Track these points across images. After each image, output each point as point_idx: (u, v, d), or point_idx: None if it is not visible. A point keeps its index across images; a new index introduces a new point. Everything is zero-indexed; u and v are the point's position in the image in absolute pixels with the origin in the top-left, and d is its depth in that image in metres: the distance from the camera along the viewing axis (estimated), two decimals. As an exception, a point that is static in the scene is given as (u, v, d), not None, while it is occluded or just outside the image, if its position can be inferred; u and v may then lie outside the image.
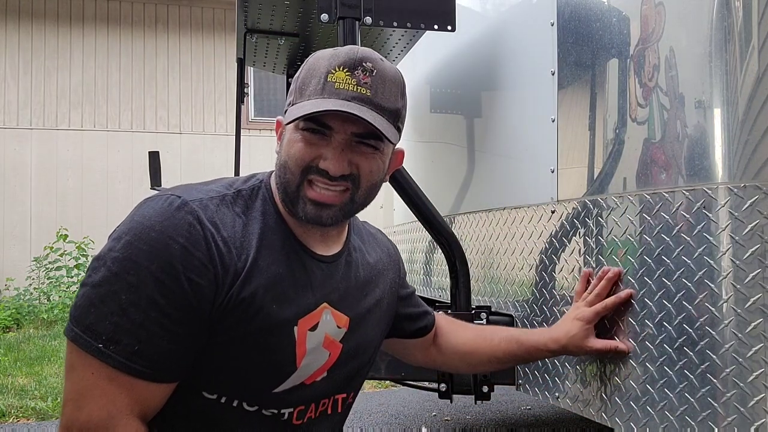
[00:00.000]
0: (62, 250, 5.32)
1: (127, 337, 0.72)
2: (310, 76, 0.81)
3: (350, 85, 0.79)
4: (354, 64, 0.80)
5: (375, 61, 0.81)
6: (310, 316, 0.85)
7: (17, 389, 3.07)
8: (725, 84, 0.99)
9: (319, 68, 0.81)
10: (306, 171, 0.82)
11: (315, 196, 0.82)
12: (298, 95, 0.82)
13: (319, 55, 0.83)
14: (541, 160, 1.44)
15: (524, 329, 1.27)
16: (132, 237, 0.74)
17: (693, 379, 0.99)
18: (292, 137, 0.82)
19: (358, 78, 0.80)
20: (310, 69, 0.82)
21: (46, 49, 5.91)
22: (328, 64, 0.80)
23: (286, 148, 0.83)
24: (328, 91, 0.79)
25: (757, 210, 0.94)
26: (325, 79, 0.80)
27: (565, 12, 1.37)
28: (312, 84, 0.81)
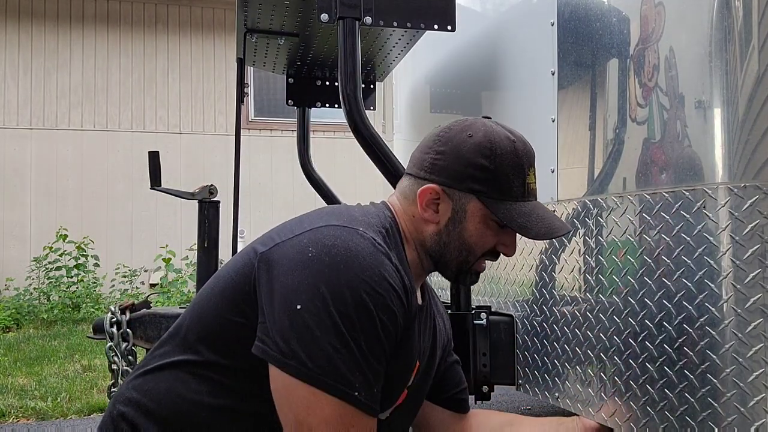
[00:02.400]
0: (62, 250, 5.32)
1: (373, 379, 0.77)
2: (511, 174, 0.89)
3: (534, 182, 0.92)
4: (534, 161, 0.93)
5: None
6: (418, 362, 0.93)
7: (17, 389, 3.07)
8: (725, 84, 0.99)
9: (517, 167, 0.90)
10: (485, 255, 0.93)
11: (481, 270, 0.94)
12: (497, 191, 0.89)
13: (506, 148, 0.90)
14: (540, 159, 1.44)
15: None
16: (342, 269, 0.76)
17: (693, 379, 0.99)
18: (480, 228, 0.90)
19: (534, 178, 0.93)
20: (509, 164, 0.89)
21: (45, 49, 5.91)
22: (522, 163, 0.90)
23: (475, 237, 0.91)
24: (528, 194, 0.91)
25: (757, 210, 0.94)
26: (524, 179, 0.90)
27: (566, 12, 1.37)
28: (516, 184, 0.89)
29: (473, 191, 0.89)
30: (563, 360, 1.32)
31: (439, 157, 0.91)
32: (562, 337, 1.33)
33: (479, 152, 0.89)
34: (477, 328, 1.51)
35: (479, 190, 0.88)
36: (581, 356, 1.25)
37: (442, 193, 0.90)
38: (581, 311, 1.26)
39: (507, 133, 0.91)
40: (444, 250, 0.91)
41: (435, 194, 0.90)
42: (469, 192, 0.89)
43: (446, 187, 0.90)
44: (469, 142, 0.90)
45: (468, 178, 0.89)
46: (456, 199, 0.90)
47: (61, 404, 2.79)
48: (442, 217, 0.90)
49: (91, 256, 5.34)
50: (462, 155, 0.89)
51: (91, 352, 3.87)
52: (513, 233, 0.91)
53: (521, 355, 1.49)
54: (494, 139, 0.90)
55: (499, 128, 0.92)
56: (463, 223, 0.90)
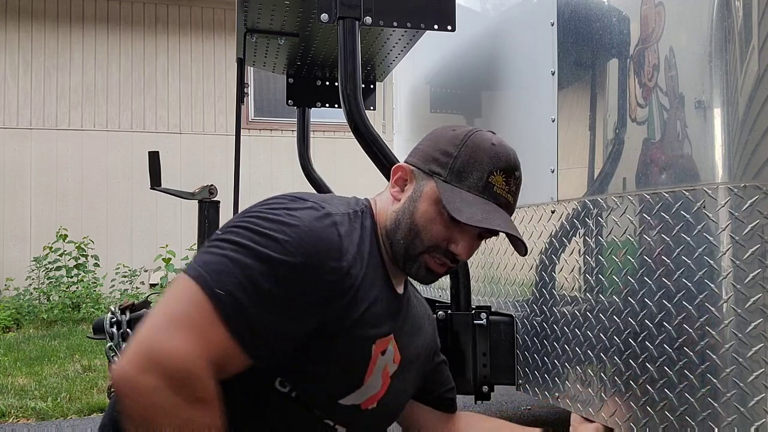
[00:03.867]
0: (62, 250, 5.32)
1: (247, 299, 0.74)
2: (472, 165, 0.88)
3: (504, 191, 0.88)
4: (511, 170, 0.89)
5: (520, 170, 0.91)
6: (383, 340, 0.90)
7: (17, 389, 3.07)
8: (725, 84, 0.99)
9: (483, 162, 0.88)
10: (435, 248, 0.89)
11: (433, 267, 0.90)
12: (455, 177, 0.88)
13: (480, 145, 0.89)
14: (541, 160, 1.44)
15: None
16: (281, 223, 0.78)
17: (693, 379, 0.99)
18: (432, 212, 0.88)
19: (510, 186, 0.89)
20: (471, 157, 0.88)
21: (45, 49, 5.91)
22: (491, 162, 0.88)
23: (423, 219, 0.88)
24: (489, 194, 0.88)
25: (757, 210, 0.94)
26: (487, 179, 0.88)
27: (566, 12, 1.37)
28: (474, 176, 0.88)
29: (433, 173, 0.90)
30: (563, 360, 1.32)
31: (422, 143, 0.95)
32: (562, 337, 1.33)
33: (451, 141, 0.91)
34: (477, 328, 1.51)
35: (438, 172, 0.89)
36: (581, 356, 1.25)
37: (410, 173, 0.92)
38: (581, 311, 1.26)
39: (492, 138, 0.91)
40: (396, 228, 0.90)
41: (404, 172, 0.93)
42: (429, 174, 0.90)
43: (415, 168, 0.92)
44: (448, 134, 0.93)
45: (432, 161, 0.90)
46: (419, 180, 0.91)
47: (61, 404, 2.79)
48: (404, 196, 0.92)
49: (91, 256, 5.34)
50: (437, 142, 0.92)
51: (91, 352, 3.87)
52: (469, 233, 0.89)
53: (521, 355, 1.49)
54: (471, 135, 0.91)
55: (488, 134, 0.92)
56: (416, 203, 0.90)
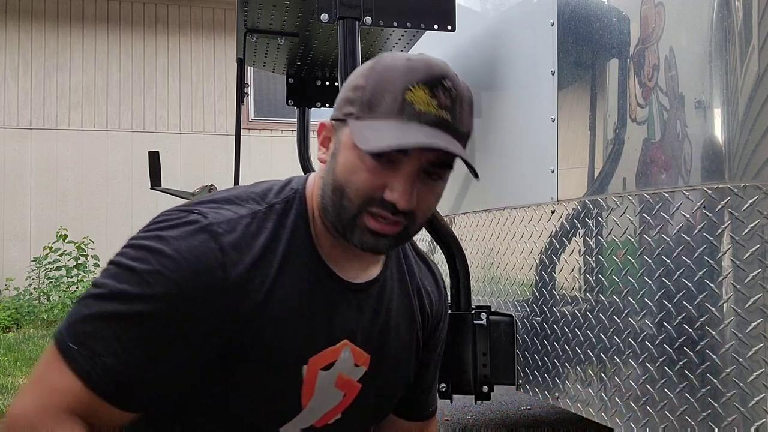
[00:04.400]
0: (62, 250, 5.31)
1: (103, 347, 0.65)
2: (382, 89, 0.70)
3: (432, 107, 0.69)
4: (434, 81, 0.69)
5: (453, 78, 0.71)
6: (325, 353, 0.77)
7: (17, 389, 3.06)
8: (725, 84, 0.99)
9: (394, 81, 0.69)
10: (368, 202, 0.71)
11: (377, 228, 0.72)
12: (365, 109, 0.70)
13: (390, 64, 0.71)
14: (541, 160, 1.44)
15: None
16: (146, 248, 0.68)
17: (693, 379, 0.99)
18: (353, 159, 0.71)
19: (439, 99, 0.69)
20: (381, 80, 0.70)
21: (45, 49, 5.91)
22: (404, 78, 0.69)
23: (344, 171, 0.71)
24: (408, 114, 0.68)
25: (757, 210, 0.94)
26: (402, 96, 0.68)
27: (566, 12, 1.37)
28: (386, 100, 0.69)
29: (346, 115, 0.72)
30: (563, 360, 1.32)
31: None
32: (562, 337, 1.33)
33: (361, 72, 0.74)
34: (477, 328, 1.51)
35: (350, 112, 0.72)
36: (581, 356, 1.25)
37: (330, 128, 0.76)
38: (581, 311, 1.26)
39: (408, 55, 0.73)
40: (324, 193, 0.74)
41: (325, 130, 0.76)
42: (343, 118, 0.73)
43: (334, 120, 0.75)
44: (360, 68, 0.75)
45: (345, 102, 0.73)
46: (337, 131, 0.74)
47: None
48: (329, 155, 0.75)
49: (91, 256, 5.34)
50: (349, 80, 0.75)
51: (91, 352, 3.86)
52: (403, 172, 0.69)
53: (521, 355, 1.49)
54: (382, 58, 0.73)
55: (404, 54, 0.74)
56: (336, 158, 0.73)
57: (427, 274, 0.94)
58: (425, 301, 0.91)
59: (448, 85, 0.70)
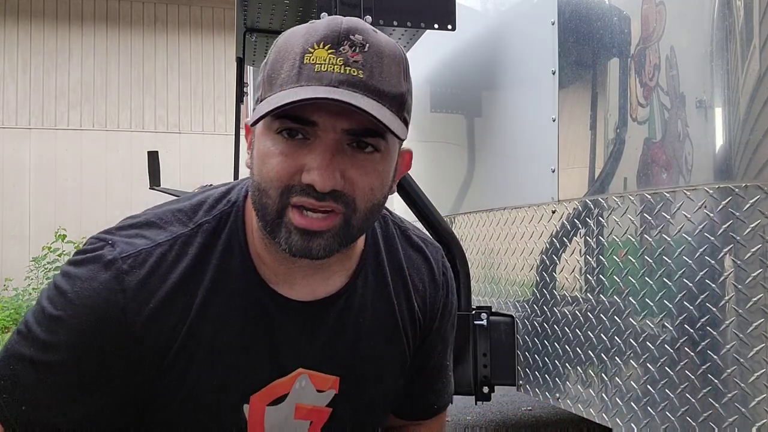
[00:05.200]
0: (61, 250, 5.31)
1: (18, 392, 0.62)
2: (282, 59, 0.60)
3: (336, 66, 0.58)
4: (338, 37, 0.59)
5: (366, 32, 0.60)
6: (271, 387, 0.69)
7: (16, 389, 3.05)
8: (726, 84, 0.99)
9: (293, 47, 0.59)
10: (287, 191, 0.60)
11: (304, 224, 0.60)
12: (267, 87, 0.61)
13: (291, 32, 0.62)
14: (541, 159, 1.44)
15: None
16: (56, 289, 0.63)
17: (694, 380, 0.98)
18: (263, 147, 0.61)
19: (346, 56, 0.58)
20: (281, 51, 0.61)
21: (45, 49, 5.90)
22: (303, 41, 0.59)
23: (258, 164, 0.61)
24: (307, 77, 0.58)
25: (758, 210, 0.94)
26: (300, 61, 0.58)
27: (566, 11, 1.36)
28: (284, 70, 0.59)
29: (256, 103, 0.63)
30: (564, 360, 1.31)
31: None
32: (562, 337, 1.33)
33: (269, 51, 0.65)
34: (477, 329, 1.51)
35: (257, 99, 0.63)
36: (582, 357, 1.25)
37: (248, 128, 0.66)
38: (582, 311, 1.26)
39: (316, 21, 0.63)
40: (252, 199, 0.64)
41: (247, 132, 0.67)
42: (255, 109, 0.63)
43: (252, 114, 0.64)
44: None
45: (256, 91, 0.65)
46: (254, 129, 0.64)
47: None
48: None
49: (90, 256, 5.33)
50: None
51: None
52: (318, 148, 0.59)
53: (522, 356, 1.49)
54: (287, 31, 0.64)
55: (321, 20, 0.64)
56: (253, 152, 0.64)
57: (420, 266, 0.80)
58: (414, 302, 0.78)
59: (358, 39, 0.59)
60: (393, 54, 0.62)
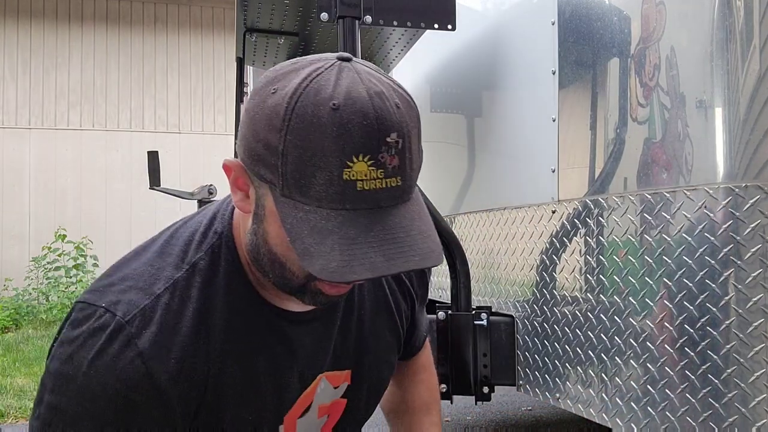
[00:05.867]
0: (61, 250, 5.31)
1: None
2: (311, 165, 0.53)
3: (377, 181, 0.53)
4: (377, 144, 0.53)
5: (399, 126, 0.54)
6: (299, 403, 0.70)
7: (16, 390, 3.06)
8: (726, 83, 0.99)
9: (325, 153, 0.52)
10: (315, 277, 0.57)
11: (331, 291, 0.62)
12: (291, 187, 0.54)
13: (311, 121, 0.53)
14: (541, 159, 1.44)
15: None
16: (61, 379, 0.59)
17: (694, 380, 0.98)
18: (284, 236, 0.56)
19: (385, 166, 0.53)
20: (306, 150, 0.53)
21: (44, 48, 5.90)
22: (338, 147, 0.52)
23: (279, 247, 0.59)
24: (351, 199, 0.53)
25: (759, 210, 0.94)
26: (340, 176, 0.52)
27: (566, 11, 1.36)
28: (318, 181, 0.53)
29: (265, 180, 0.56)
30: (564, 361, 1.31)
31: (242, 119, 0.59)
32: (563, 337, 1.33)
33: (269, 121, 0.54)
34: (477, 329, 1.51)
35: (270, 180, 0.56)
36: (582, 357, 1.25)
37: (243, 174, 0.59)
38: (582, 312, 1.26)
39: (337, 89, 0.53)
40: (257, 256, 0.62)
41: (234, 172, 0.60)
42: (261, 180, 0.57)
43: (246, 166, 0.58)
44: (267, 104, 0.55)
45: (259, 160, 0.56)
46: (256, 186, 0.59)
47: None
48: (252, 207, 0.60)
49: (90, 256, 5.33)
50: (254, 123, 0.56)
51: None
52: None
53: (522, 356, 1.49)
54: (299, 100, 0.53)
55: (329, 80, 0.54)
56: (263, 223, 0.59)
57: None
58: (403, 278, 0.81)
59: (393, 140, 0.53)
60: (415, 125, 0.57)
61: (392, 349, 0.83)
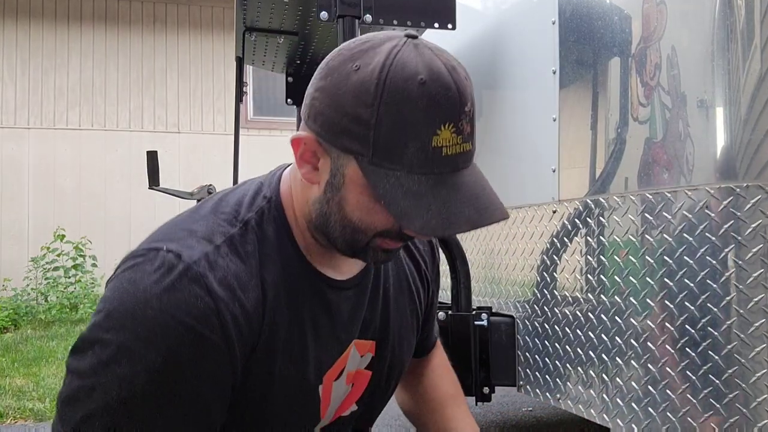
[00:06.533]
0: (60, 250, 5.30)
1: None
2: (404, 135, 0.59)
3: (458, 146, 0.61)
4: (458, 114, 0.60)
5: (471, 96, 0.62)
6: (336, 365, 0.74)
7: (15, 390, 3.05)
8: (727, 83, 0.99)
9: (417, 123, 0.58)
10: (383, 234, 0.65)
11: (391, 246, 0.68)
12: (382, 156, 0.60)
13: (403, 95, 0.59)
14: (542, 159, 1.44)
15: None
16: (124, 316, 0.59)
17: (695, 380, 0.98)
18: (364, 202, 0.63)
19: (464, 132, 0.61)
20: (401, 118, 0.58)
21: (43, 48, 5.89)
22: (429, 117, 0.58)
23: (357, 212, 0.64)
24: (438, 164, 0.60)
25: (760, 210, 0.94)
26: (430, 144, 0.59)
27: (567, 10, 1.36)
28: (410, 147, 0.59)
29: (350, 151, 0.61)
30: (564, 361, 1.31)
31: (317, 96, 0.64)
32: (563, 338, 1.32)
33: (358, 96, 0.59)
34: (478, 329, 1.51)
35: (356, 150, 0.60)
36: (583, 357, 1.25)
37: (318, 146, 0.64)
38: (583, 312, 1.26)
39: (419, 65, 0.59)
40: (326, 222, 0.66)
41: (309, 146, 0.64)
42: (345, 151, 0.62)
43: (323, 140, 0.63)
44: (352, 80, 0.60)
45: (343, 133, 0.61)
46: (334, 157, 0.63)
47: (59, 405, 2.78)
48: (321, 178, 0.65)
49: (89, 257, 5.32)
50: (338, 98, 0.61)
51: (90, 353, 3.85)
52: None
53: (522, 356, 1.49)
54: (388, 76, 0.59)
55: (411, 57, 0.60)
56: (341, 192, 0.64)
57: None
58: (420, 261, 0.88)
59: (469, 109, 0.61)
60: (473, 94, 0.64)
61: (412, 330, 0.87)
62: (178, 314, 0.59)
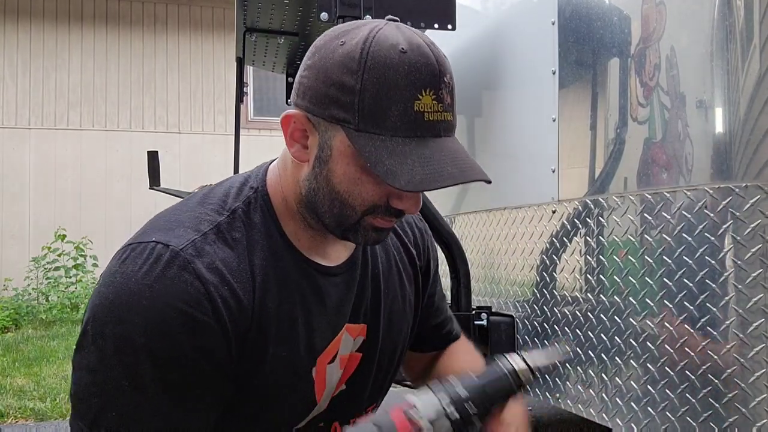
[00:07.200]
0: (60, 250, 5.30)
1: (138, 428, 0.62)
2: (387, 97, 0.62)
3: (438, 113, 0.64)
4: (438, 82, 0.64)
5: (450, 70, 0.67)
6: (329, 349, 0.75)
7: (16, 390, 3.06)
8: (727, 83, 0.99)
9: (399, 87, 0.62)
10: (373, 210, 0.67)
11: (382, 224, 0.69)
12: (368, 121, 0.63)
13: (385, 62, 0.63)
14: (541, 159, 1.44)
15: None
16: (120, 308, 0.62)
17: (694, 380, 0.98)
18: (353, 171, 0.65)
19: (444, 101, 0.65)
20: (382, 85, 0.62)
21: (44, 49, 5.90)
22: (410, 82, 0.63)
23: (345, 183, 0.66)
24: (421, 128, 0.63)
25: (759, 210, 0.94)
26: (412, 108, 0.63)
27: (566, 11, 1.36)
28: (393, 112, 0.62)
29: (337, 120, 0.64)
30: (564, 361, 1.31)
31: (306, 74, 0.67)
32: (563, 337, 1.32)
33: (344, 65, 0.63)
34: (477, 329, 1.51)
35: (343, 118, 0.64)
36: (582, 357, 1.25)
37: (306, 122, 0.67)
38: (582, 312, 1.26)
39: (400, 38, 0.64)
40: (315, 199, 0.68)
41: (297, 123, 0.67)
42: (332, 121, 0.64)
43: (311, 115, 0.66)
44: (338, 53, 0.64)
45: (330, 103, 0.64)
46: (322, 131, 0.66)
47: (60, 405, 2.79)
48: (311, 154, 0.67)
49: (89, 256, 5.33)
50: (325, 70, 0.65)
51: (90, 353, 3.85)
52: None
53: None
54: (370, 47, 0.63)
55: (392, 32, 0.65)
56: (329, 164, 0.66)
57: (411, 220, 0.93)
58: (411, 246, 0.89)
59: (448, 79, 0.66)
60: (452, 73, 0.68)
61: (405, 317, 0.87)
62: (171, 301, 0.62)
